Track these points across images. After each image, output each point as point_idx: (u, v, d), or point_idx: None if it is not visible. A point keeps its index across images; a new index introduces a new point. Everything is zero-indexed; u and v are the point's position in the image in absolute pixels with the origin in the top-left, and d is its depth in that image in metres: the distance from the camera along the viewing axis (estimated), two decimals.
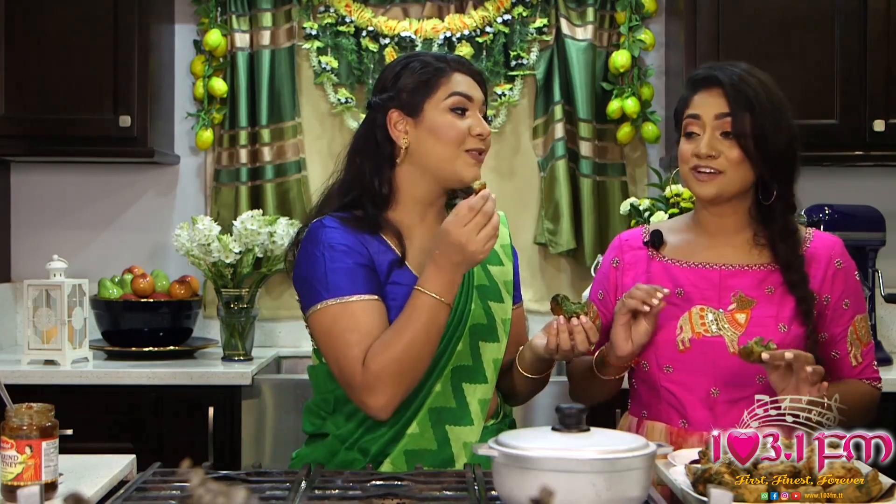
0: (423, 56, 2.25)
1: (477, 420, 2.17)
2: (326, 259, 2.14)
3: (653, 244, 2.35)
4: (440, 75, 2.19)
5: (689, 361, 2.22)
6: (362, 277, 2.13)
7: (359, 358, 2.08)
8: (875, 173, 3.98)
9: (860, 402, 2.26)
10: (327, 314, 2.12)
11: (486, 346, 2.21)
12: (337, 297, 2.11)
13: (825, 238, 2.34)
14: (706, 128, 2.22)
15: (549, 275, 4.03)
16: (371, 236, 2.18)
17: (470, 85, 2.21)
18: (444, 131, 2.17)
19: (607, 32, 3.98)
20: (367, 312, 2.11)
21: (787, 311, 2.23)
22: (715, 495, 1.42)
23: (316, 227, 2.18)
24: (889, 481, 1.74)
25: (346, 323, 2.10)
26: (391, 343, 2.07)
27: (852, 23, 3.61)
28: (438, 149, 2.17)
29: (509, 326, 2.27)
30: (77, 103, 3.66)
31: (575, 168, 3.96)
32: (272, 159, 3.95)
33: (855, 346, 2.28)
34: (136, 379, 3.37)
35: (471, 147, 2.18)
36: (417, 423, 2.14)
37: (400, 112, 2.19)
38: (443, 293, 2.07)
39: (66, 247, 3.98)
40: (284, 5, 3.97)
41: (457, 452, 2.15)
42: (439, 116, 2.17)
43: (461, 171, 2.18)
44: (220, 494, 1.16)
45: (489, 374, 2.21)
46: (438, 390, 2.16)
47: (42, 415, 1.87)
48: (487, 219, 2.03)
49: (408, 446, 2.13)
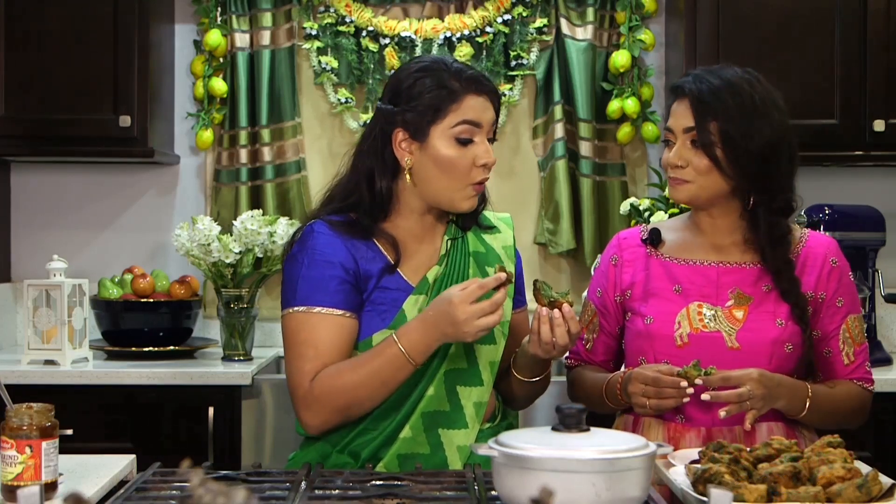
0: (438, 68, 2.16)
1: (472, 423, 2.16)
2: (304, 266, 2.15)
3: (651, 242, 2.36)
4: (451, 100, 2.13)
5: (686, 356, 2.23)
6: (334, 290, 2.12)
7: (309, 373, 2.10)
8: (875, 173, 3.98)
9: (848, 403, 2.30)
10: (292, 321, 2.15)
11: (481, 348, 2.20)
12: (303, 305, 2.13)
13: (821, 238, 2.36)
14: (678, 138, 2.27)
15: (549, 275, 4.03)
16: (362, 241, 2.17)
17: (482, 107, 2.15)
18: (448, 164, 2.13)
19: (607, 32, 3.98)
20: (329, 328, 2.12)
21: (784, 307, 2.26)
22: (715, 495, 1.42)
23: (306, 232, 2.19)
24: (889, 481, 1.74)
25: (305, 335, 2.12)
26: (344, 375, 2.09)
27: (852, 23, 3.61)
28: (441, 180, 2.15)
29: (508, 328, 2.25)
30: (77, 103, 3.66)
31: (575, 168, 3.96)
32: (272, 159, 3.95)
33: (847, 345, 2.30)
34: (136, 379, 3.37)
35: (474, 180, 2.16)
36: (410, 426, 2.13)
37: (405, 132, 2.15)
38: (415, 354, 2.06)
39: (66, 247, 3.98)
40: (284, 5, 3.97)
41: (450, 456, 2.14)
42: (444, 146, 2.13)
43: (459, 203, 2.17)
44: (220, 494, 1.16)
45: (485, 377, 2.19)
46: (431, 394, 2.15)
47: (42, 415, 1.87)
48: (493, 308, 2.01)
49: (401, 450, 2.12)
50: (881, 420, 3.26)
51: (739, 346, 2.23)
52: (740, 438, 2.19)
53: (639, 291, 2.33)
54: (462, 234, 2.27)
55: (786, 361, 2.24)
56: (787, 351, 2.24)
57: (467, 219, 2.28)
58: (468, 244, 2.26)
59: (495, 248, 2.29)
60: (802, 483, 1.73)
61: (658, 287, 2.31)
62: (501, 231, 2.33)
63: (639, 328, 2.30)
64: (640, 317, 2.30)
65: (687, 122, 2.25)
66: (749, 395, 2.12)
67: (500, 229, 2.33)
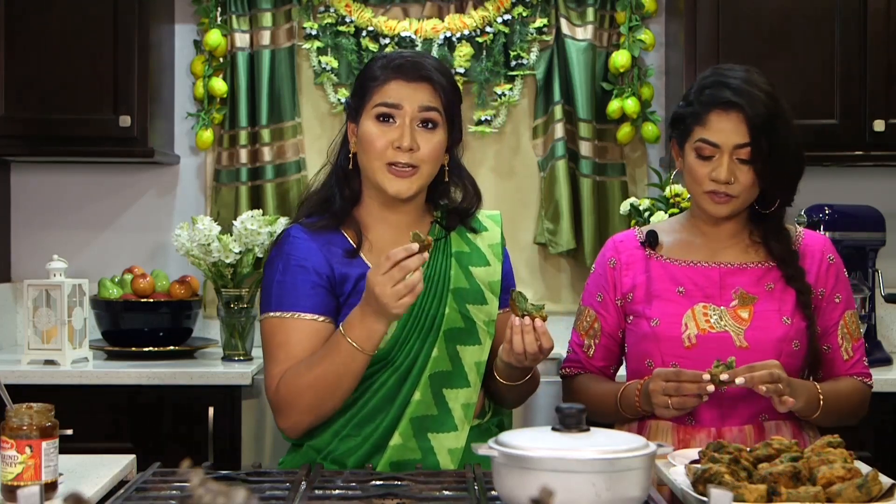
0: (381, 57, 2.24)
1: (461, 425, 2.16)
2: (279, 271, 2.17)
3: (649, 244, 2.36)
4: (375, 83, 2.18)
5: (695, 357, 2.23)
6: (308, 295, 2.14)
7: (277, 377, 2.13)
8: (875, 173, 3.98)
9: (853, 399, 2.31)
10: (268, 326, 2.18)
11: (465, 350, 2.18)
12: (278, 310, 2.16)
13: (816, 235, 2.39)
14: (724, 154, 2.21)
15: (548, 275, 4.03)
16: (336, 236, 2.19)
17: (408, 92, 2.16)
18: (368, 142, 2.17)
19: (607, 32, 3.97)
20: (302, 332, 2.13)
21: (788, 305, 2.27)
22: (715, 495, 1.42)
23: (283, 236, 2.22)
24: (889, 481, 1.74)
25: (279, 339, 2.15)
26: (302, 374, 2.10)
27: (852, 23, 3.61)
28: (364, 159, 2.19)
29: (494, 328, 2.24)
30: (77, 103, 3.66)
31: (575, 168, 3.95)
32: (272, 159, 3.95)
33: (846, 340, 2.32)
34: (136, 379, 3.37)
35: (391, 160, 2.15)
36: (400, 433, 2.12)
37: (352, 122, 2.22)
38: (362, 342, 2.05)
39: (66, 247, 3.98)
40: (284, 5, 3.97)
41: (442, 460, 2.13)
42: (367, 125, 2.17)
43: (384, 184, 2.16)
44: (220, 494, 1.16)
45: (472, 378, 2.18)
46: (418, 399, 2.14)
47: (42, 415, 1.87)
48: (403, 273, 1.97)
49: (393, 457, 2.12)
50: (881, 420, 3.26)
51: (748, 346, 2.23)
52: (750, 439, 2.19)
53: (641, 294, 2.32)
54: (445, 235, 2.26)
55: (793, 359, 2.25)
56: (795, 348, 2.25)
57: (450, 218, 2.27)
58: (451, 245, 2.25)
59: (481, 247, 2.28)
60: (802, 483, 1.73)
61: (661, 289, 2.30)
62: (489, 229, 2.32)
63: (644, 331, 2.29)
64: (645, 319, 2.29)
65: (740, 138, 2.20)
66: (779, 375, 2.09)
67: (487, 227, 2.32)
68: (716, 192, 2.23)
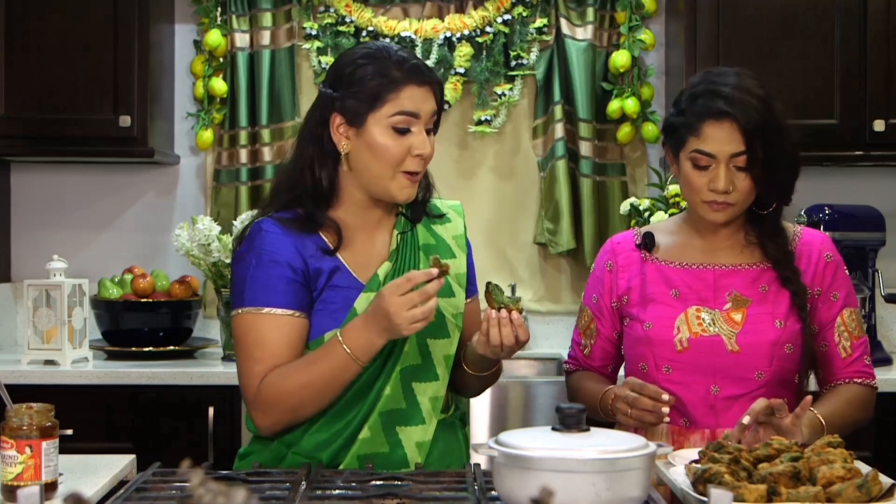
0: (381, 56, 2.13)
1: (429, 418, 2.14)
2: (252, 266, 2.13)
3: (645, 246, 2.35)
4: (390, 89, 2.09)
5: (687, 361, 2.23)
6: (282, 290, 2.11)
7: (258, 375, 2.10)
8: (875, 173, 3.99)
9: (853, 411, 2.27)
10: (241, 322, 2.14)
11: (435, 343, 2.17)
12: (252, 306, 2.12)
13: (814, 234, 2.37)
14: (720, 164, 2.20)
15: (548, 275, 4.03)
16: (310, 237, 2.14)
17: (422, 98, 2.11)
18: (383, 151, 2.10)
19: (607, 32, 3.98)
20: (278, 328, 2.11)
21: (782, 307, 2.25)
22: (715, 495, 1.42)
23: (254, 230, 2.16)
24: (889, 481, 1.73)
25: (255, 336, 2.12)
26: (291, 377, 2.08)
27: (852, 23, 3.61)
28: (374, 166, 2.11)
29: (462, 321, 2.22)
30: (77, 103, 3.66)
31: (575, 168, 3.96)
32: (272, 159, 3.95)
33: (844, 339, 2.30)
34: (136, 379, 3.37)
35: (408, 169, 2.11)
36: (369, 427, 2.11)
37: (342, 117, 2.12)
38: (358, 352, 2.04)
39: (66, 247, 3.98)
40: (284, 5, 3.97)
41: (410, 453, 2.12)
42: (380, 134, 2.10)
43: (394, 192, 2.13)
44: (220, 494, 1.16)
45: (440, 371, 2.17)
46: (388, 393, 2.12)
47: (42, 415, 1.88)
48: (423, 298, 1.97)
49: (360, 451, 2.10)
50: (881, 420, 3.25)
51: (739, 350, 2.22)
52: None
53: (635, 297, 2.32)
54: (411, 227, 2.23)
55: (786, 362, 2.24)
56: (787, 352, 2.24)
57: (415, 210, 2.24)
58: (418, 237, 2.23)
59: (446, 238, 2.26)
60: (802, 483, 1.73)
61: (655, 292, 2.30)
62: (452, 220, 2.29)
63: (638, 334, 2.30)
64: (639, 322, 2.30)
65: (735, 147, 2.19)
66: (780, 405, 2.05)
67: (450, 218, 2.29)
68: (714, 200, 2.23)
